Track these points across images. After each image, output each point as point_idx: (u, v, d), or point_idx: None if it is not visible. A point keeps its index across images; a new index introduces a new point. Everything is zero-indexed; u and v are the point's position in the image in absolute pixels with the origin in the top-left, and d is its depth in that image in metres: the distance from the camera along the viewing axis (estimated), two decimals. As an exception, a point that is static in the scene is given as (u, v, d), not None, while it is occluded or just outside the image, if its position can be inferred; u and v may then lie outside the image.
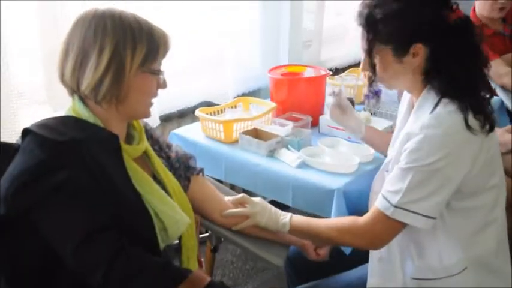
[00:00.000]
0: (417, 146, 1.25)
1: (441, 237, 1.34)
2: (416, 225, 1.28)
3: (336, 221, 1.47)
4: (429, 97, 1.32)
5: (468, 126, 1.23)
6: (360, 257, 1.55)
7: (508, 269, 1.42)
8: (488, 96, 1.33)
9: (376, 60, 1.34)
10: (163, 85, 1.30)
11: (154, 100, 1.32)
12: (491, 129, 1.28)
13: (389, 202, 1.28)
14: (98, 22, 1.19)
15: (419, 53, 1.29)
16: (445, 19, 1.27)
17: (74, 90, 1.23)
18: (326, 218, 1.73)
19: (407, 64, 1.31)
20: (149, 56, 1.22)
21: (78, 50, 1.19)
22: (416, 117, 1.34)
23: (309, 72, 2.38)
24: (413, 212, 1.26)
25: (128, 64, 1.19)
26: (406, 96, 1.49)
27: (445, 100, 1.28)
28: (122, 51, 1.18)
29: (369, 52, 1.32)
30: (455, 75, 1.27)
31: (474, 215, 1.34)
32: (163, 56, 1.27)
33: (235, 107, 2.31)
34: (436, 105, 1.28)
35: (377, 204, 1.32)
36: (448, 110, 1.26)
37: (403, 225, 1.29)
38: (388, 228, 1.31)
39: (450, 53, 1.27)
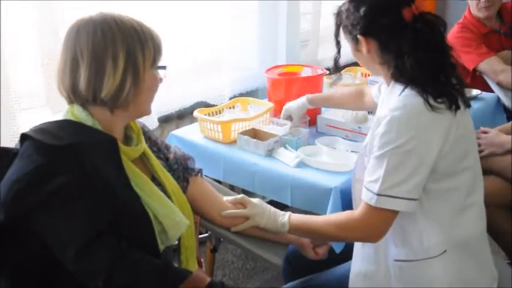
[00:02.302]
0: (386, 129, 1.29)
1: (420, 220, 1.36)
2: (400, 209, 1.30)
3: (333, 216, 1.48)
4: (397, 84, 1.37)
5: (431, 107, 1.28)
6: (350, 253, 1.56)
7: (489, 255, 1.44)
8: (455, 81, 1.37)
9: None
10: (161, 80, 1.32)
11: (153, 102, 1.34)
12: (457, 108, 1.31)
13: (371, 192, 1.31)
14: (103, 28, 1.19)
15: (363, 43, 1.39)
16: (395, 16, 1.34)
17: (88, 100, 1.22)
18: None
19: (363, 53, 1.42)
20: (156, 53, 1.25)
21: (90, 59, 1.18)
22: (387, 101, 1.40)
23: (306, 72, 2.39)
24: (394, 197, 1.29)
25: (141, 65, 1.22)
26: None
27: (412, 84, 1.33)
28: (134, 54, 1.20)
29: (336, 36, 1.52)
30: (404, 65, 1.33)
31: (451, 197, 1.36)
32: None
33: (233, 107, 2.31)
34: (404, 88, 1.33)
35: (362, 196, 1.34)
36: (412, 92, 1.31)
37: (393, 212, 1.31)
38: (379, 218, 1.32)
39: (400, 46, 1.33)
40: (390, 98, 1.39)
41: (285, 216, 1.48)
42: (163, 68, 1.30)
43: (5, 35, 1.79)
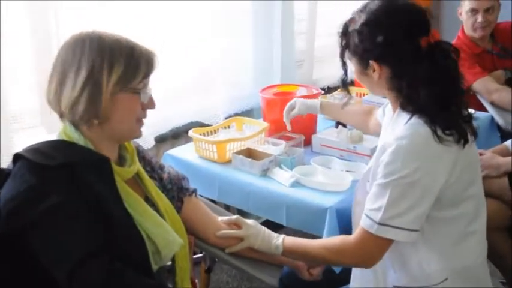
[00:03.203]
0: (391, 158, 1.27)
1: (421, 248, 1.35)
2: (400, 239, 1.29)
3: (327, 241, 1.47)
4: (403, 112, 1.35)
5: (439, 138, 1.25)
6: (350, 275, 1.55)
7: (489, 280, 1.43)
8: (466, 112, 1.35)
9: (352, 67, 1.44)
10: (150, 104, 1.29)
11: (148, 122, 1.33)
12: (466, 142, 1.29)
13: (372, 220, 1.29)
14: (77, 43, 1.21)
15: (375, 69, 1.35)
16: (411, 44, 1.30)
17: (58, 111, 1.24)
18: (320, 236, 1.73)
19: (370, 77, 1.38)
20: (127, 75, 1.21)
21: (59, 71, 1.21)
22: (392, 129, 1.38)
23: (301, 92, 2.39)
24: (396, 227, 1.27)
25: (103, 84, 1.19)
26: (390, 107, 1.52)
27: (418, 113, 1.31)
28: (98, 71, 1.18)
29: (341, 57, 1.45)
30: (417, 94, 1.29)
31: (453, 225, 1.35)
32: (147, 74, 1.25)
33: (229, 127, 2.31)
34: (411, 117, 1.31)
35: (361, 223, 1.33)
36: (420, 121, 1.29)
37: (390, 241, 1.31)
38: (376, 246, 1.32)
39: (414, 75, 1.29)
40: (395, 125, 1.36)
41: (279, 239, 1.47)
42: (139, 91, 1.24)
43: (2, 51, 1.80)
